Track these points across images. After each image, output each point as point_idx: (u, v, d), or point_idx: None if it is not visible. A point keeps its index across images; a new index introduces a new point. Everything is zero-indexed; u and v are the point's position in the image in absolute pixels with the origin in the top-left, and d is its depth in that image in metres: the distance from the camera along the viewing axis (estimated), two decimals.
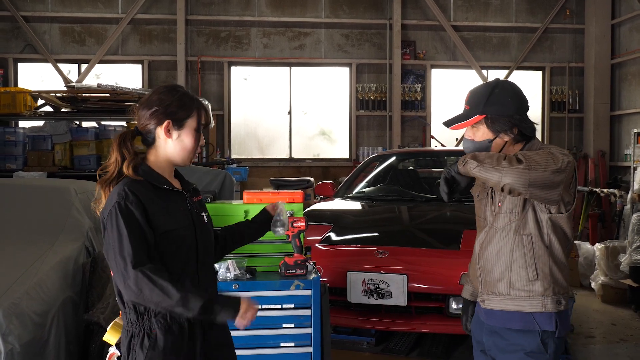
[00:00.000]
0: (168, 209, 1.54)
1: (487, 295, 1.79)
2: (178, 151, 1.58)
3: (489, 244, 1.78)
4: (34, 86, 7.57)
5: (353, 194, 4.64)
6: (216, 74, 8.59)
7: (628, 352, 3.87)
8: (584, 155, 8.75)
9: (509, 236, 1.73)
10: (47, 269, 2.79)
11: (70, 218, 3.29)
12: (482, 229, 1.84)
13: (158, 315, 1.54)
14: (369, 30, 8.74)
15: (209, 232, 1.66)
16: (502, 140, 1.76)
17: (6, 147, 5.95)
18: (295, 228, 2.25)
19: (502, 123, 1.74)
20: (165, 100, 1.57)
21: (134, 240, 1.45)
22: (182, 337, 1.54)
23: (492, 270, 1.77)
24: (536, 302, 1.71)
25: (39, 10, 8.29)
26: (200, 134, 1.61)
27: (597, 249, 5.25)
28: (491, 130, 1.75)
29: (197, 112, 1.58)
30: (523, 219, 1.72)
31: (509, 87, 1.80)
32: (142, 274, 1.43)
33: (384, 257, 3.31)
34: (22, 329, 2.40)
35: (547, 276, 1.71)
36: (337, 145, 8.95)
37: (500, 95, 1.75)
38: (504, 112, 1.74)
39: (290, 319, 2.29)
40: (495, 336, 1.77)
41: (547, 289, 1.71)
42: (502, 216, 1.75)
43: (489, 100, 1.74)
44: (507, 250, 1.74)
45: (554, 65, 8.95)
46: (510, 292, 1.73)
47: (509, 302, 1.74)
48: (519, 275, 1.72)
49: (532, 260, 1.71)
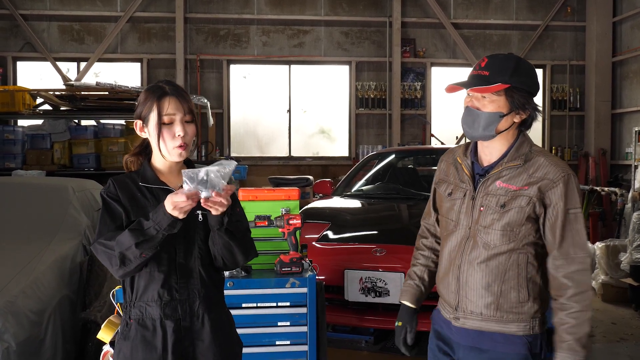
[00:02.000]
0: (144, 204, 1.57)
1: (465, 313, 1.61)
2: (155, 146, 1.60)
3: (475, 259, 1.59)
4: (32, 85, 7.57)
5: (351, 192, 4.63)
6: (215, 72, 8.58)
7: (628, 351, 3.86)
8: (584, 154, 8.73)
9: (503, 255, 1.56)
10: (44, 267, 2.79)
11: (67, 216, 3.28)
12: (453, 234, 1.65)
13: (135, 307, 1.58)
14: (369, 28, 8.72)
15: (200, 231, 1.61)
16: (512, 118, 1.58)
17: (5, 146, 5.96)
18: (290, 225, 2.24)
19: (523, 98, 1.55)
20: (137, 102, 1.64)
21: (103, 220, 1.57)
22: (153, 332, 1.56)
23: (475, 289, 1.59)
24: (524, 325, 1.57)
25: (37, 8, 8.28)
26: (171, 124, 1.56)
27: (597, 248, 5.23)
28: (509, 103, 1.55)
29: (157, 104, 1.57)
30: (524, 239, 1.56)
31: (530, 64, 1.62)
32: (98, 245, 1.53)
33: (381, 255, 3.30)
34: (19, 328, 2.40)
35: (538, 296, 1.58)
36: (337, 143, 8.94)
37: (527, 69, 1.58)
38: (529, 87, 1.56)
39: (285, 316, 2.28)
40: (474, 352, 1.61)
41: (537, 311, 1.58)
42: (495, 233, 1.57)
43: (516, 70, 1.54)
44: (499, 270, 1.57)
45: (555, 63, 8.92)
46: (496, 314, 1.57)
47: (493, 324, 1.58)
48: (508, 296, 1.56)
49: (524, 281, 1.57)
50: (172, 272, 1.57)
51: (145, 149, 1.66)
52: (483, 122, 1.57)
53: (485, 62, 1.59)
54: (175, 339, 1.56)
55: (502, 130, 1.59)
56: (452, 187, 1.69)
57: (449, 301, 1.67)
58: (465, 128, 1.62)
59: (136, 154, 1.66)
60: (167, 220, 1.44)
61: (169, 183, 1.62)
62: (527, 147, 1.63)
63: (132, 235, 1.46)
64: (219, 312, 1.65)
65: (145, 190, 1.60)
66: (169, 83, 1.63)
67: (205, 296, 1.60)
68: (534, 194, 1.56)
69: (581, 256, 1.55)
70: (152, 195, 1.60)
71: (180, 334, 1.57)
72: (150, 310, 1.56)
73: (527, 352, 1.57)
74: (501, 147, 1.63)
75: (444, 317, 1.71)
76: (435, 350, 1.74)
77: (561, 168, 1.57)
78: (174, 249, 1.57)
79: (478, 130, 1.59)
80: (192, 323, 1.58)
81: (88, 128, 6.11)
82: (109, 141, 5.99)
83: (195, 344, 1.59)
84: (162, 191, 1.60)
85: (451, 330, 1.67)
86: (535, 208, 1.56)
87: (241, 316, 2.22)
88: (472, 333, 1.62)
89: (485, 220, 1.59)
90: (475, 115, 1.58)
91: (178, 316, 1.57)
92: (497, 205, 1.58)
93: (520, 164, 1.59)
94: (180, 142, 1.56)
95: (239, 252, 1.58)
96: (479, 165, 1.66)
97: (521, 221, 1.55)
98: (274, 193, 2.48)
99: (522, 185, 1.57)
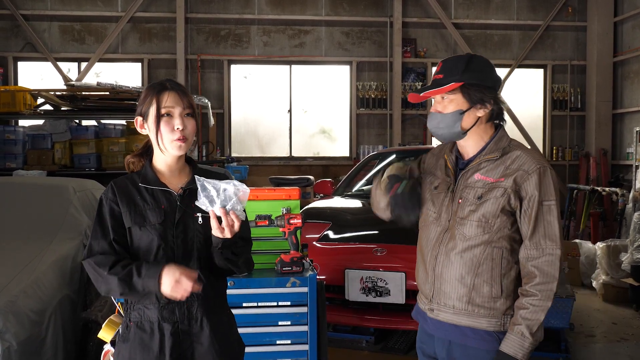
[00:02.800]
0: (142, 206, 1.57)
1: (439, 305, 1.64)
2: (154, 140, 1.60)
3: (451, 250, 1.61)
4: (33, 85, 7.58)
5: (352, 191, 4.63)
6: (216, 72, 8.58)
7: (628, 351, 3.85)
8: (585, 154, 8.72)
9: (478, 247, 1.57)
10: (45, 267, 2.79)
11: (68, 216, 3.28)
12: (432, 225, 1.68)
13: (134, 310, 1.58)
14: (370, 28, 8.72)
15: (199, 233, 1.59)
16: (474, 113, 1.61)
17: (6, 146, 5.95)
18: (291, 225, 2.24)
19: (480, 92, 1.59)
20: (138, 101, 1.64)
21: (95, 233, 1.57)
22: (151, 335, 1.56)
23: (450, 281, 1.61)
24: (495, 321, 1.58)
25: (38, 8, 8.29)
26: (170, 117, 1.56)
27: (598, 248, 5.23)
28: (467, 99, 1.59)
29: (157, 97, 1.57)
30: (498, 232, 1.57)
31: (484, 59, 1.67)
32: (88, 265, 1.54)
33: (382, 255, 3.30)
34: (20, 327, 2.40)
35: (511, 293, 1.59)
36: (338, 143, 8.94)
37: (479, 64, 1.62)
38: (483, 81, 1.60)
39: (286, 316, 2.27)
40: (447, 344, 1.64)
41: (509, 308, 1.58)
42: (471, 224, 1.59)
43: (467, 67, 1.59)
44: (473, 262, 1.58)
45: (556, 63, 8.91)
46: (468, 308, 1.59)
47: (464, 318, 1.60)
48: (481, 290, 1.57)
49: (498, 276, 1.57)
50: None
51: (148, 151, 1.66)
52: (445, 122, 1.62)
53: (439, 66, 1.65)
54: (173, 342, 1.55)
55: (470, 127, 1.63)
56: (439, 182, 1.72)
57: (425, 292, 1.70)
58: (434, 132, 1.68)
59: (138, 155, 1.66)
60: (155, 289, 1.47)
61: (169, 184, 1.61)
62: (506, 141, 1.66)
63: (119, 285, 1.48)
64: (219, 314, 1.64)
65: (145, 192, 1.60)
66: (169, 80, 1.63)
67: (204, 299, 1.59)
68: (509, 185, 1.59)
69: (551, 248, 1.57)
70: (152, 197, 1.59)
71: (179, 337, 1.57)
72: (148, 312, 1.56)
73: (497, 349, 1.58)
74: (476, 143, 1.67)
75: (420, 309, 1.74)
76: (421, 355, 1.76)
77: (537, 160, 1.61)
78: (173, 252, 1.57)
79: (444, 131, 1.65)
80: (190, 326, 1.58)
81: (89, 128, 6.11)
82: (109, 141, 5.99)
83: (194, 347, 1.58)
84: (161, 192, 1.59)
85: (427, 322, 1.70)
86: (510, 200, 1.58)
87: (242, 315, 2.22)
88: (445, 325, 1.64)
89: (463, 211, 1.62)
90: (437, 118, 1.64)
91: (176, 319, 1.56)
92: (474, 197, 1.61)
93: (498, 156, 1.63)
94: (179, 135, 1.56)
95: (236, 267, 1.59)
96: (462, 159, 1.71)
97: (495, 212, 1.58)
98: (275, 192, 2.48)
99: (499, 177, 1.61)
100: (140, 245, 1.57)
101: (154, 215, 1.57)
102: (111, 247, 1.55)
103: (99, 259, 1.52)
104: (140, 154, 1.66)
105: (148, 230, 1.56)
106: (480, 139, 1.65)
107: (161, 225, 1.56)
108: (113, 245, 1.55)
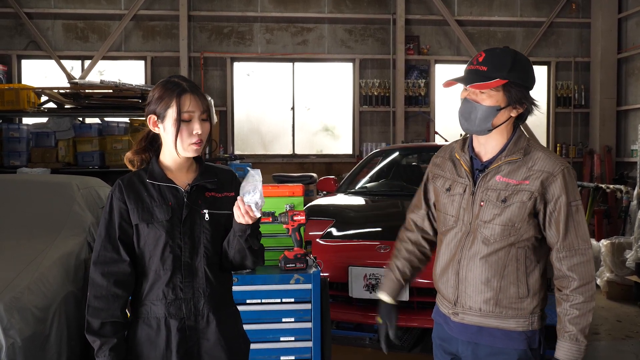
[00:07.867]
0: (149, 203, 1.58)
1: (464, 309, 1.62)
2: (169, 142, 1.59)
3: (475, 254, 1.59)
4: (37, 83, 7.59)
5: (355, 189, 4.63)
6: (219, 70, 8.58)
7: (633, 348, 3.84)
8: (589, 151, 8.69)
9: (502, 250, 1.56)
10: (49, 263, 2.79)
11: (72, 213, 3.29)
12: (452, 230, 1.64)
13: (141, 305, 1.58)
14: (373, 25, 8.70)
15: (206, 230, 1.59)
16: (509, 112, 1.58)
17: (10, 144, 5.97)
18: (295, 222, 2.24)
19: (521, 93, 1.58)
20: (149, 97, 1.62)
21: (104, 230, 1.59)
22: (157, 331, 1.56)
23: (475, 284, 1.59)
24: (523, 321, 1.58)
25: (42, 6, 8.30)
26: (190, 122, 1.56)
27: (602, 245, 5.21)
28: (507, 97, 1.56)
29: (177, 100, 1.56)
30: (524, 234, 1.56)
31: (527, 58, 1.66)
32: (93, 273, 1.59)
33: (385, 252, 3.29)
34: (24, 324, 2.40)
35: (537, 292, 1.59)
36: (341, 141, 8.93)
37: (524, 63, 1.61)
38: (525, 82, 1.59)
39: (290, 313, 2.28)
40: (472, 346, 1.62)
41: (536, 307, 1.59)
42: (495, 228, 1.56)
43: (514, 66, 1.56)
44: (499, 265, 1.56)
45: (560, 60, 8.87)
46: (495, 310, 1.58)
47: (492, 320, 1.59)
48: (508, 292, 1.57)
49: (524, 276, 1.57)
50: (177, 271, 1.57)
51: (151, 145, 1.64)
52: (480, 114, 1.57)
53: (483, 57, 1.60)
54: (180, 338, 1.56)
55: (498, 125, 1.59)
56: (450, 182, 1.68)
57: (448, 296, 1.67)
58: (462, 120, 1.63)
59: (141, 151, 1.64)
60: None
61: (176, 180, 1.61)
62: (525, 141, 1.64)
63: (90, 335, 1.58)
64: (226, 310, 1.64)
65: (152, 188, 1.59)
66: (185, 80, 1.62)
67: (211, 295, 1.59)
68: (536, 188, 1.56)
69: (584, 248, 1.57)
70: (158, 193, 1.59)
71: (185, 333, 1.57)
72: (155, 309, 1.56)
73: (526, 348, 1.58)
74: (497, 143, 1.63)
75: (442, 313, 1.71)
76: (440, 352, 1.74)
77: (560, 161, 1.60)
78: (180, 248, 1.57)
79: (475, 123, 1.59)
80: (196, 322, 1.58)
81: (92, 126, 6.12)
82: (113, 139, 6.00)
83: (200, 343, 1.59)
84: (168, 189, 1.59)
85: (449, 326, 1.68)
86: (536, 203, 1.56)
87: (246, 312, 2.21)
88: (470, 328, 1.62)
89: (486, 215, 1.59)
90: (472, 107, 1.58)
91: (182, 315, 1.57)
92: (497, 200, 1.58)
93: (520, 157, 1.60)
94: (197, 139, 1.57)
95: (249, 259, 1.59)
96: (478, 160, 1.66)
97: (523, 216, 1.56)
98: (278, 189, 2.48)
99: (522, 179, 1.57)
100: (147, 242, 1.57)
101: (162, 212, 1.57)
102: (117, 253, 1.56)
103: (101, 303, 1.56)
104: (144, 149, 1.65)
105: (155, 227, 1.56)
106: (502, 138, 1.62)
107: (168, 222, 1.56)
108: (120, 251, 1.56)
